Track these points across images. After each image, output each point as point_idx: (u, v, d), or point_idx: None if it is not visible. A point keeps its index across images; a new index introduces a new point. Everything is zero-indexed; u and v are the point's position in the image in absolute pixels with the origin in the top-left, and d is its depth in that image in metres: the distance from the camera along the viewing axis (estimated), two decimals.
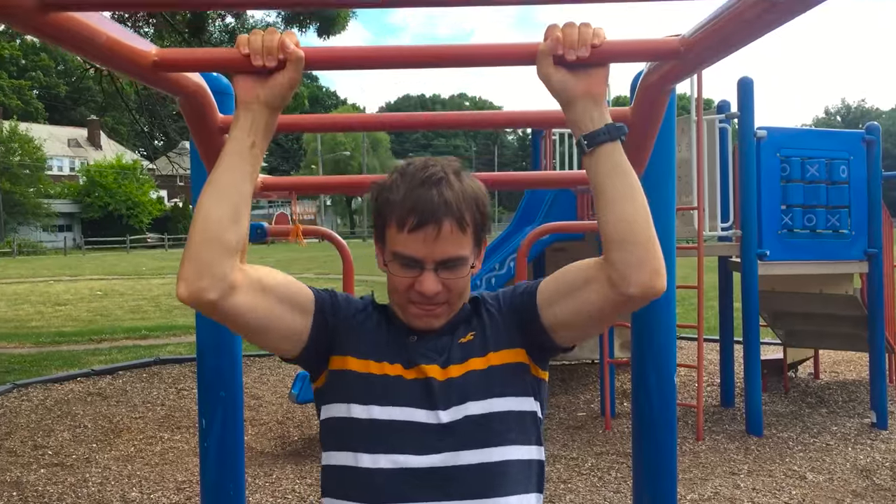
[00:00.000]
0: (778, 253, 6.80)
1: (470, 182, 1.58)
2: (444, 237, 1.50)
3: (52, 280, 26.58)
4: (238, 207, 1.42)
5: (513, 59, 1.44)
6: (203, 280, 1.39)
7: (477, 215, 1.56)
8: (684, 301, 11.99)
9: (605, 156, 1.42)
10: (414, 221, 1.49)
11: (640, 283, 1.41)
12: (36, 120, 69.05)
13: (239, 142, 1.43)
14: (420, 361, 1.57)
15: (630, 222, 1.41)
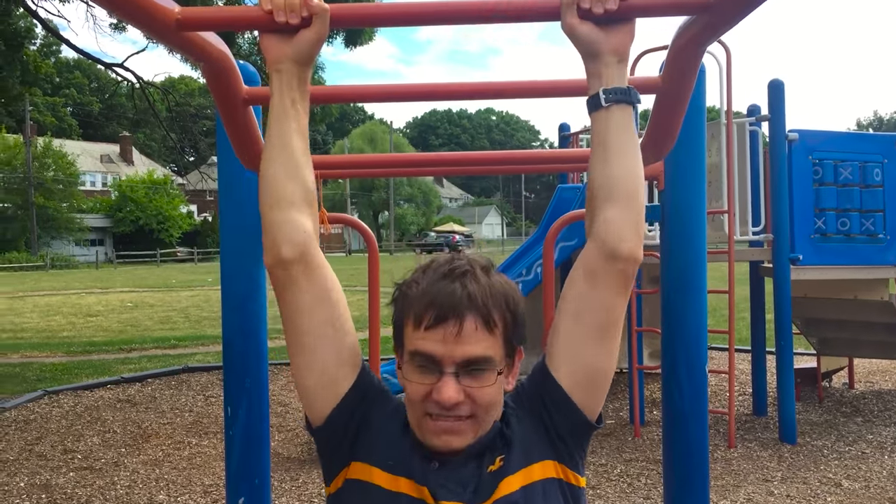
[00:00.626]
0: (811, 257, 6.68)
1: (499, 279, 1.43)
2: (468, 335, 1.33)
3: (84, 292, 26.89)
4: (294, 163, 1.41)
5: (536, 13, 1.41)
6: (276, 238, 1.38)
7: (507, 315, 1.39)
8: (715, 312, 11.85)
9: (620, 114, 1.39)
10: (432, 316, 1.33)
11: (631, 244, 1.38)
12: (69, 136, 70.13)
13: (279, 104, 1.42)
14: (442, 497, 1.36)
15: (635, 177, 1.39)
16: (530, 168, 3.39)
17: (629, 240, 1.37)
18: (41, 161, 54.49)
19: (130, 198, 58.32)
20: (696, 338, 3.12)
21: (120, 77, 15.64)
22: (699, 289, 3.14)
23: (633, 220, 1.38)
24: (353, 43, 13.25)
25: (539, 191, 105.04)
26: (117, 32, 15.52)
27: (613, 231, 1.38)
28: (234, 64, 1.73)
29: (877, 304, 7.23)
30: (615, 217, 1.38)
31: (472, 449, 1.39)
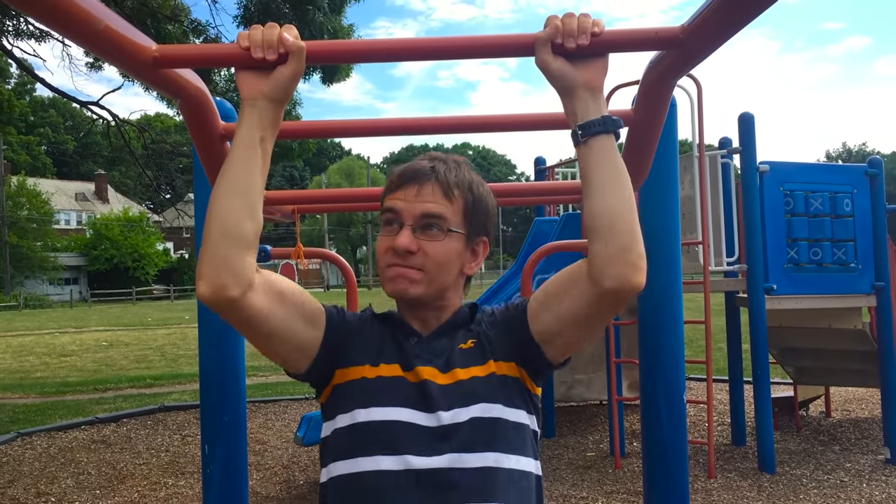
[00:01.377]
0: (785, 287, 6.75)
1: (471, 172, 1.60)
2: (426, 194, 1.53)
3: (58, 332, 26.53)
4: (252, 202, 1.42)
5: (512, 49, 1.44)
6: (223, 276, 1.38)
7: (469, 197, 1.58)
8: (692, 343, 11.91)
9: (598, 146, 1.40)
10: (400, 180, 1.56)
11: (616, 276, 1.38)
12: (44, 175, 69.67)
13: (247, 137, 1.42)
14: (416, 363, 1.54)
15: (613, 212, 1.39)
16: (507, 201, 3.42)
17: (612, 272, 1.38)
18: (15, 200, 54.01)
19: (106, 236, 57.86)
20: (673, 368, 3.15)
21: (95, 115, 15.59)
22: (676, 319, 3.17)
23: (617, 250, 1.38)
24: (330, 80, 13.31)
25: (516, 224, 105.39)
26: (93, 71, 15.50)
27: (597, 264, 1.40)
28: (210, 100, 1.74)
29: (850, 332, 7.30)
30: (597, 250, 1.40)
31: (443, 328, 1.60)
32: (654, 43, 1.44)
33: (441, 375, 1.53)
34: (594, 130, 1.40)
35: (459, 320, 1.62)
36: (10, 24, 12.88)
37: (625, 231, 1.39)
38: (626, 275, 1.38)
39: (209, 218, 1.40)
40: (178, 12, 13.33)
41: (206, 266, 1.38)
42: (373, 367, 1.55)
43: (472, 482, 1.46)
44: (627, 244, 1.38)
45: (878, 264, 7.01)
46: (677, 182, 3.25)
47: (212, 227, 1.39)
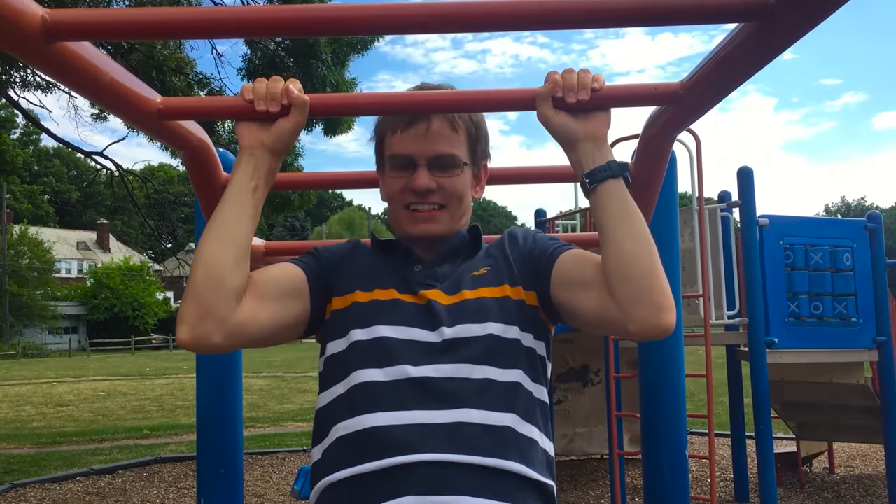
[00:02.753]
0: (786, 341, 6.72)
1: None
2: (435, 133, 1.54)
3: (56, 381, 26.36)
4: (240, 249, 1.40)
5: (513, 103, 1.46)
6: (206, 324, 1.36)
7: (470, 124, 1.59)
8: (693, 397, 11.81)
9: (608, 192, 1.40)
10: (405, 120, 1.54)
11: (640, 320, 1.35)
12: (46, 224, 69.94)
13: (241, 185, 1.42)
14: (418, 288, 1.54)
15: (630, 255, 1.37)
16: None
17: (636, 319, 1.35)
18: (16, 249, 54.10)
19: (106, 284, 57.81)
20: (675, 422, 3.12)
21: (99, 165, 15.72)
22: (677, 373, 3.16)
23: (637, 295, 1.35)
24: (333, 132, 13.45)
25: None
26: (98, 122, 15.66)
27: (621, 308, 1.37)
28: (213, 152, 1.76)
29: (853, 387, 7.25)
30: (621, 295, 1.37)
31: (444, 253, 1.60)
32: (653, 98, 1.46)
33: (447, 297, 1.52)
34: (601, 176, 1.41)
35: (458, 244, 1.63)
36: (17, 76, 13.06)
37: (644, 273, 1.36)
38: (652, 317, 1.35)
39: (195, 263, 1.39)
40: (183, 65, 13.52)
41: (189, 311, 1.36)
42: (365, 291, 1.54)
43: (475, 391, 1.42)
44: (648, 285, 1.35)
45: (880, 319, 6.98)
46: (678, 235, 3.26)
47: (197, 272, 1.37)
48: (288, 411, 15.05)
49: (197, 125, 1.66)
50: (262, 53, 13.00)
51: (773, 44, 1.17)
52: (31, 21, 1.08)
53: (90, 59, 1.22)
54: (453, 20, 1.24)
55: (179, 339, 1.37)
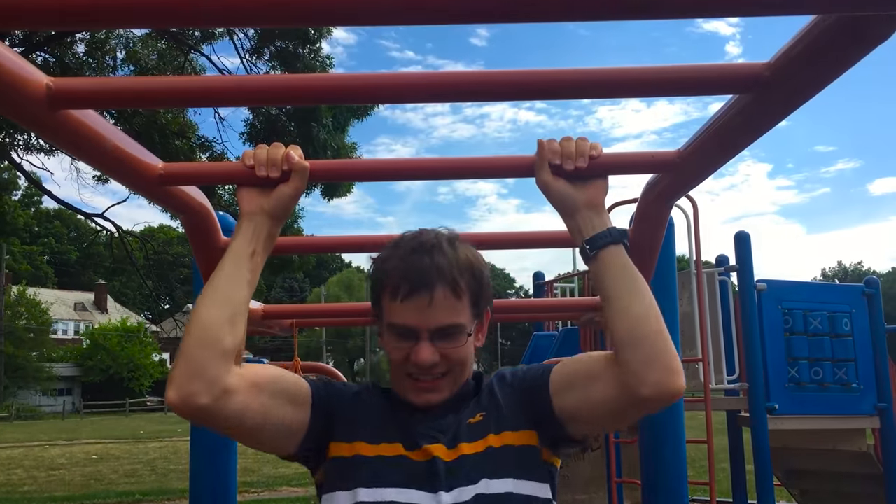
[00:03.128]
0: (787, 407, 6.66)
1: (465, 249, 1.55)
2: (438, 304, 1.46)
3: (48, 444, 26.01)
4: (235, 312, 1.41)
5: (512, 170, 1.47)
6: (195, 384, 1.34)
7: (473, 282, 1.53)
8: (694, 463, 11.64)
9: (609, 258, 1.42)
10: (406, 289, 1.46)
11: (652, 383, 1.36)
12: (45, 284, 69.81)
13: (240, 249, 1.43)
14: (423, 442, 1.49)
15: (637, 319, 1.38)
16: (506, 317, 3.42)
17: (648, 380, 1.36)
18: (14, 309, 53.91)
19: (102, 346, 57.44)
20: (677, 490, 3.08)
21: (99, 226, 15.79)
22: (678, 438, 3.12)
23: (647, 359, 1.36)
24: (332, 195, 13.55)
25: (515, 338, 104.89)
26: (100, 184, 15.79)
27: (631, 373, 1.38)
28: (213, 215, 1.77)
29: (855, 454, 7.16)
30: (630, 360, 1.38)
31: (448, 403, 1.54)
32: (651, 166, 1.48)
33: (448, 452, 1.49)
34: (602, 243, 1.42)
35: (465, 394, 1.58)
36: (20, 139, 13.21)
37: (652, 337, 1.38)
38: (664, 381, 1.36)
39: (189, 324, 1.40)
40: (186, 129, 13.70)
41: (178, 372, 1.36)
42: (371, 444, 1.51)
43: None
44: (659, 349, 1.37)
45: (880, 385, 6.94)
46: (676, 299, 3.26)
47: (190, 333, 1.38)
48: (283, 476, 14.80)
49: (197, 189, 1.68)
50: (264, 118, 13.18)
51: (767, 115, 1.19)
52: (37, 89, 1.09)
53: (94, 126, 1.23)
54: (452, 90, 1.26)
55: (167, 399, 1.36)
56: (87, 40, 13.48)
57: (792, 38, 1.06)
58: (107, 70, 13.51)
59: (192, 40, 13.66)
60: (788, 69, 1.09)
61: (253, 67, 13.41)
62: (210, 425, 1.43)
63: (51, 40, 12.55)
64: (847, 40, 0.99)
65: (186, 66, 13.78)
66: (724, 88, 1.20)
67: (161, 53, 14.35)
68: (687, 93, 1.23)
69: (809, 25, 1.01)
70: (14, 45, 11.71)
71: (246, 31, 13.20)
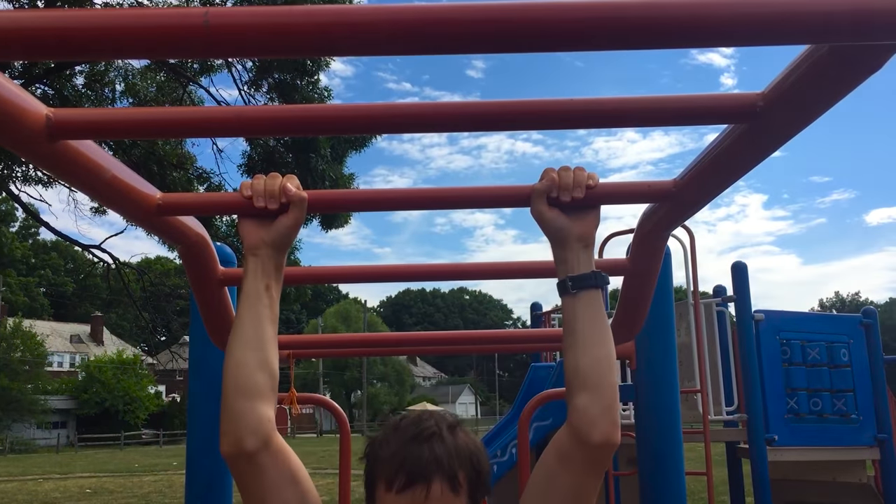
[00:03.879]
0: (786, 438, 6.63)
1: (465, 437, 1.49)
2: (434, 500, 1.39)
3: (42, 478, 25.77)
4: (264, 352, 1.42)
5: (509, 200, 1.48)
6: (240, 429, 1.36)
7: (472, 474, 1.45)
8: (694, 495, 11.55)
9: (588, 300, 1.44)
10: (402, 482, 1.40)
11: (603, 432, 1.38)
12: (41, 316, 69.61)
13: (253, 288, 1.44)
14: None
15: (602, 366, 1.41)
16: (503, 348, 3.41)
17: (600, 427, 1.38)
18: (9, 342, 53.66)
19: (97, 378, 57.10)
20: None
21: (96, 258, 15.79)
22: (677, 470, 3.10)
23: (605, 405, 1.39)
24: (329, 226, 13.57)
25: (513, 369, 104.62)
26: (97, 215, 15.81)
27: (585, 419, 1.39)
28: (211, 247, 1.77)
29: (856, 486, 7.11)
30: (586, 404, 1.40)
31: None
32: (647, 196, 1.49)
33: None
34: (586, 284, 1.44)
35: None
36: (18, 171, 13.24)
37: (612, 386, 1.41)
38: (611, 431, 1.39)
39: (224, 374, 1.41)
40: (184, 160, 13.75)
41: (224, 423, 1.38)
42: None
43: None
44: (612, 401, 1.41)
45: (880, 416, 6.91)
46: (674, 330, 3.26)
47: (227, 383, 1.40)
48: None
49: (195, 220, 1.68)
50: (262, 149, 13.23)
51: (763, 145, 1.20)
52: (37, 120, 1.10)
53: (92, 156, 1.24)
54: (449, 120, 1.27)
55: (222, 453, 1.38)
56: (87, 72, 13.56)
57: (786, 68, 1.07)
58: (106, 102, 13.59)
59: (191, 72, 13.75)
60: (783, 98, 1.10)
61: (251, 99, 13.49)
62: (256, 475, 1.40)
63: (50, 72, 12.62)
64: (841, 70, 1.00)
65: (185, 97, 13.86)
66: (719, 118, 1.21)
67: (160, 85, 14.44)
68: (682, 123, 1.23)
69: (803, 55, 1.02)
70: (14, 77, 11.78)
71: (244, 63, 13.30)
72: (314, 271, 2.95)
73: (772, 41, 0.91)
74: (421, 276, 2.34)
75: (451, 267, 2.34)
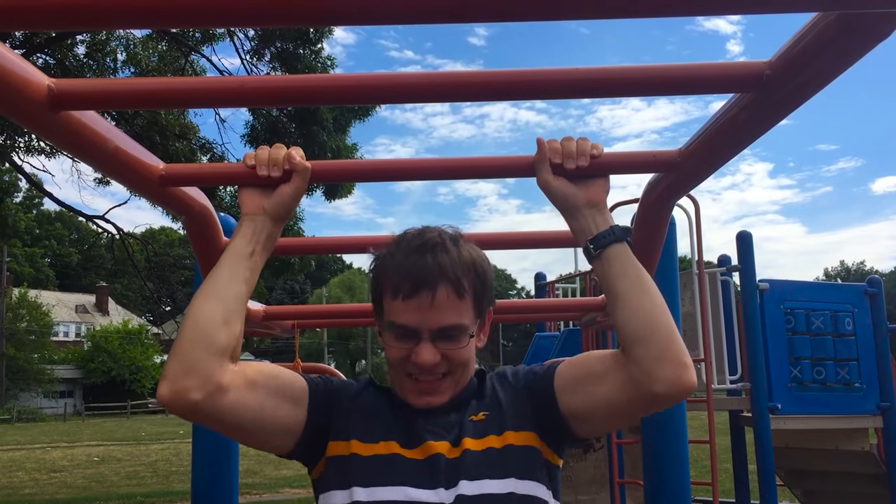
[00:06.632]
0: (789, 406, 6.65)
1: (468, 248, 1.52)
2: (440, 304, 1.43)
3: (50, 446, 26.02)
4: (230, 309, 1.40)
5: (514, 169, 1.47)
6: (188, 379, 1.34)
7: (476, 282, 1.50)
8: (696, 463, 11.64)
9: (614, 257, 1.41)
10: (408, 288, 1.43)
11: (666, 379, 1.35)
12: (46, 287, 69.85)
13: (239, 248, 1.43)
14: (427, 438, 1.48)
15: (647, 316, 1.38)
16: (507, 318, 3.42)
17: (662, 375, 1.36)
18: (15, 312, 53.92)
19: (104, 348, 57.43)
20: (679, 490, 3.07)
21: (101, 229, 15.80)
22: (680, 439, 3.12)
23: (660, 354, 1.36)
24: (333, 196, 13.55)
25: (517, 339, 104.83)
26: (101, 186, 15.79)
27: (644, 370, 1.37)
28: (215, 217, 1.77)
29: (858, 454, 7.15)
30: (643, 356, 1.38)
31: (451, 402, 1.52)
32: (652, 166, 1.48)
33: (451, 449, 1.47)
34: (606, 242, 1.42)
35: (467, 393, 1.56)
36: (21, 141, 13.21)
37: (663, 333, 1.38)
38: (676, 376, 1.36)
39: (185, 319, 1.40)
40: (186, 130, 13.70)
41: (172, 366, 1.36)
42: (368, 443, 1.49)
43: None
44: (668, 346, 1.37)
45: (883, 384, 6.92)
46: (678, 299, 3.26)
47: (185, 328, 1.38)
48: (284, 477, 14.80)
49: (199, 191, 1.67)
50: (265, 119, 13.18)
51: (769, 114, 1.19)
52: (38, 90, 1.09)
53: (95, 127, 1.23)
54: (452, 90, 1.26)
55: (159, 395, 1.36)
56: (88, 42, 13.49)
57: (793, 36, 1.06)
58: (107, 72, 13.52)
59: (193, 41, 13.67)
60: (790, 67, 1.09)
61: (254, 69, 13.41)
62: (204, 422, 1.42)
63: (51, 42, 12.55)
64: (848, 37, 0.98)
65: (187, 67, 13.79)
66: (725, 87, 1.20)
67: (161, 55, 14.35)
68: (688, 92, 1.23)
69: (810, 23, 1.01)
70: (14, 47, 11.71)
71: (246, 32, 13.21)
72: (319, 242, 2.96)
73: (779, 8, 0.90)
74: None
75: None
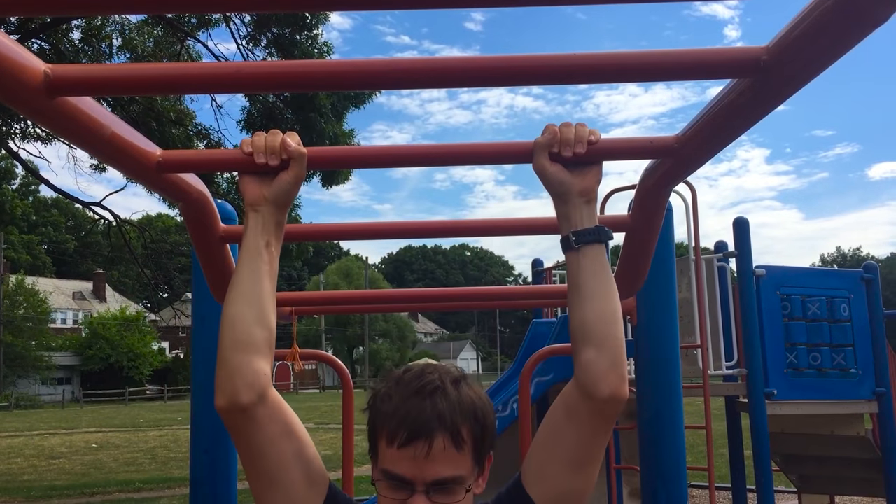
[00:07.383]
0: (785, 392, 6.68)
1: (469, 391, 1.46)
2: (436, 455, 1.37)
3: (48, 433, 26.09)
4: (261, 308, 1.42)
5: (510, 155, 1.47)
6: (237, 380, 1.36)
7: (476, 429, 1.42)
8: (693, 449, 11.68)
9: (592, 255, 1.43)
10: (403, 437, 1.37)
11: (610, 386, 1.38)
12: (43, 274, 69.79)
13: (253, 243, 1.44)
14: None
15: (608, 320, 1.40)
16: (505, 304, 3.43)
17: (608, 381, 1.38)
18: (12, 299, 53.90)
19: (101, 335, 57.45)
20: (675, 475, 3.09)
21: (97, 215, 15.77)
22: (676, 424, 3.13)
23: (611, 360, 1.39)
24: (330, 183, 13.53)
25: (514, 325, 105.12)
26: (97, 172, 15.75)
27: (591, 374, 1.39)
28: (212, 203, 1.76)
29: (853, 439, 7.19)
30: (592, 359, 1.39)
31: None
32: (649, 152, 1.48)
33: None
34: (589, 239, 1.43)
35: None
36: (17, 127, 13.16)
37: (618, 341, 1.41)
38: (619, 384, 1.39)
39: (221, 328, 1.41)
40: (183, 116, 13.65)
41: (220, 375, 1.38)
42: None
43: None
44: (619, 353, 1.40)
45: (879, 370, 6.95)
46: (675, 285, 3.27)
47: (223, 336, 1.40)
48: None
49: (196, 177, 1.67)
50: (262, 105, 13.14)
51: (766, 99, 1.19)
52: (34, 76, 1.09)
53: (91, 113, 1.23)
54: (449, 76, 1.26)
55: (217, 407, 1.37)
56: (83, 27, 13.42)
57: (791, 21, 1.06)
58: (103, 58, 13.46)
59: (189, 27, 13.61)
60: (787, 52, 1.08)
61: (250, 54, 13.36)
62: (252, 429, 1.40)
63: (46, 27, 12.49)
64: (846, 22, 0.98)
65: (183, 53, 13.73)
66: (722, 72, 1.20)
67: (157, 40, 14.29)
68: (685, 77, 1.22)
69: (809, 7, 1.01)
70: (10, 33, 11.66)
71: (242, 18, 13.15)
72: (316, 228, 2.95)
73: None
74: (422, 234, 2.34)
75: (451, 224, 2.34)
